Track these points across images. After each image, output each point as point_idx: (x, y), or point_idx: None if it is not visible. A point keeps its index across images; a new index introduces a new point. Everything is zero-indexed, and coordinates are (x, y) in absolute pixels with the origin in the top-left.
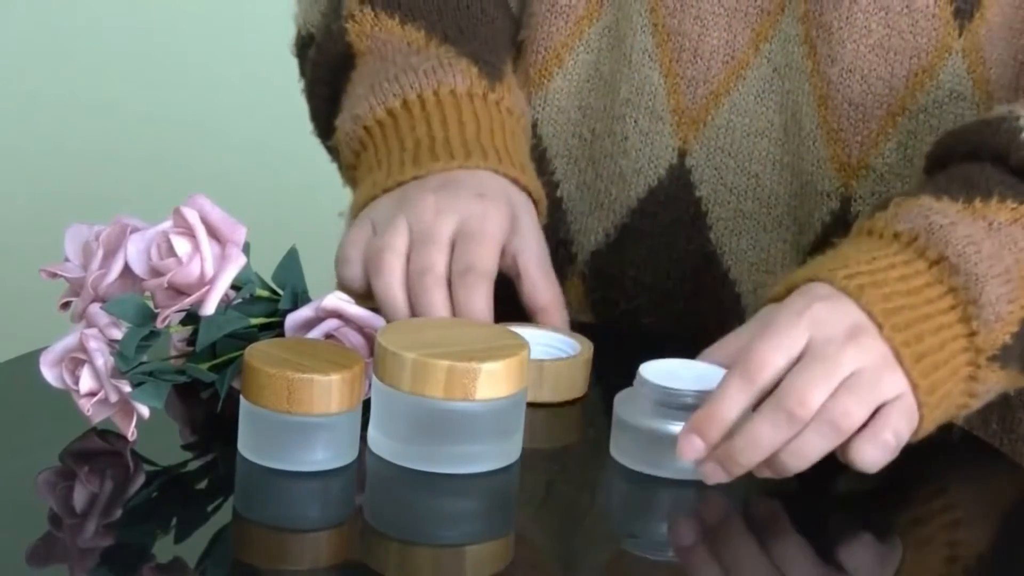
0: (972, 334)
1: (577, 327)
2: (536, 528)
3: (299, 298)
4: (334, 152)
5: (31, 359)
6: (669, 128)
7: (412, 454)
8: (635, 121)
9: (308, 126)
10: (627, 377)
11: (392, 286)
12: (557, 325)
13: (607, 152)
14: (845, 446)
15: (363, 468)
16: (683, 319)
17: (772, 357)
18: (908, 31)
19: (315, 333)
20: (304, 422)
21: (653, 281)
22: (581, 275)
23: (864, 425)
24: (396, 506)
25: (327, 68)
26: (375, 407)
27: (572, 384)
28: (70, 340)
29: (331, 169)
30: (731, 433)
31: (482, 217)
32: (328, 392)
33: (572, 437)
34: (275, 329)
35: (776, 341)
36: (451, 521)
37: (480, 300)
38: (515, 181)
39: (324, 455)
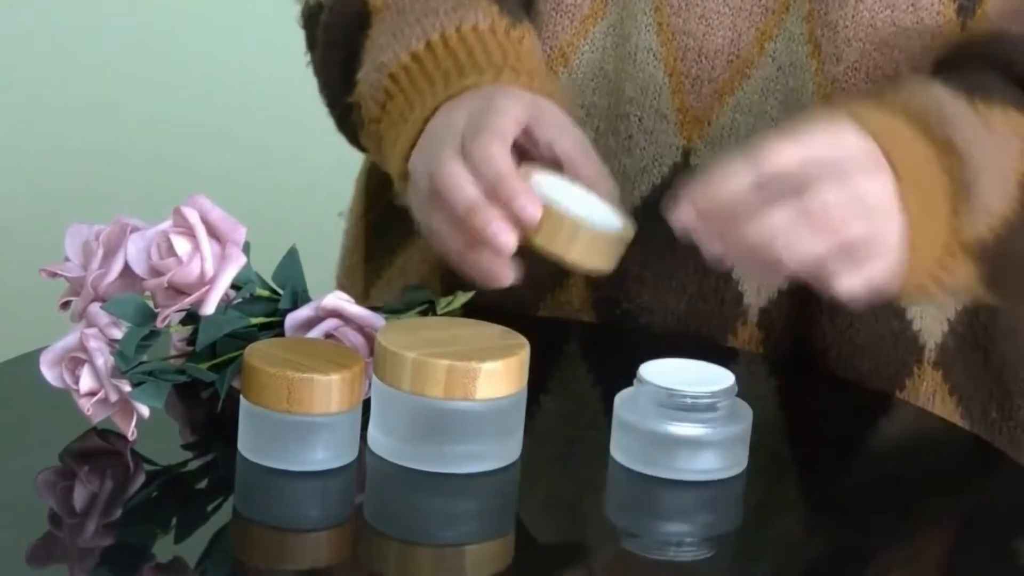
0: (957, 219)
1: (578, 327)
2: (536, 528)
3: (299, 298)
4: (344, 124)
5: (31, 359)
6: (673, 127)
7: (412, 454)
8: (639, 120)
9: (308, 126)
10: (627, 377)
11: (460, 189)
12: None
13: (611, 151)
14: (829, 270)
15: (363, 468)
16: (686, 319)
17: (787, 151)
18: (913, 29)
19: (315, 333)
20: (304, 422)
21: (656, 280)
22: (583, 273)
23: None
24: (396, 506)
25: (341, 29)
26: (375, 407)
27: (603, 256)
28: (70, 340)
29: (331, 169)
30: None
31: (490, 98)
32: (328, 392)
33: (572, 437)
34: (275, 329)
35: (795, 140)
36: (451, 521)
37: (491, 150)
38: (548, 96)
39: (324, 455)
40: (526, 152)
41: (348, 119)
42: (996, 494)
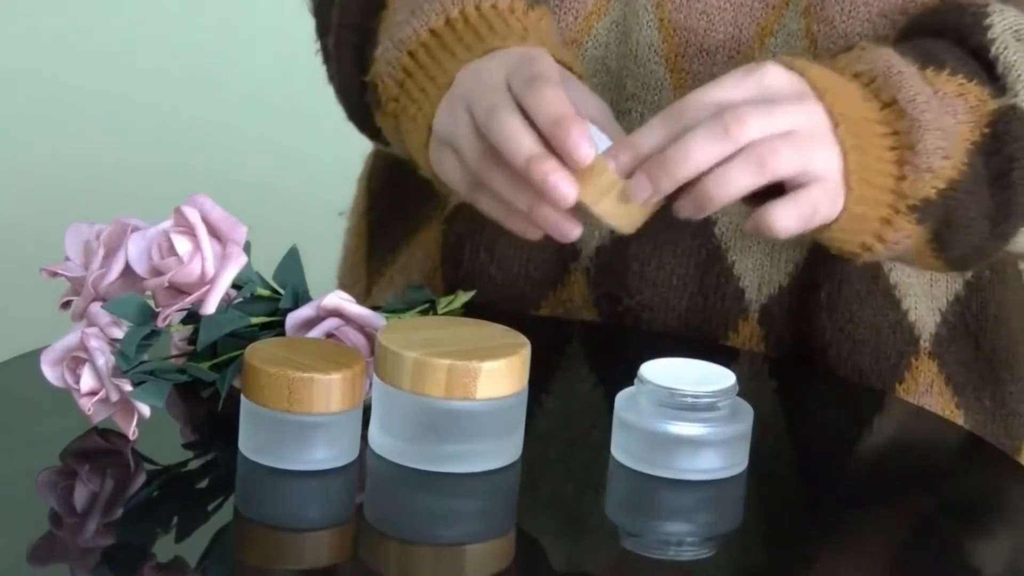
0: (901, 178)
1: (579, 326)
2: (536, 528)
3: (300, 297)
4: (355, 111)
5: (31, 359)
6: None
7: (413, 453)
8: (641, 116)
9: (309, 125)
10: (628, 377)
11: (472, 148)
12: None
13: None
14: (763, 205)
15: (363, 468)
16: (687, 315)
17: (707, 93)
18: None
19: (316, 332)
20: (304, 421)
21: (657, 277)
22: (585, 270)
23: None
24: (396, 506)
25: (357, 11)
26: (376, 406)
27: (628, 217)
28: (71, 339)
29: (332, 169)
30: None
31: (524, 53)
32: (328, 391)
33: (573, 437)
34: (275, 328)
35: (716, 84)
36: (451, 521)
37: (550, 95)
38: (570, 69)
39: (324, 454)
40: None
41: (360, 105)
42: (995, 493)
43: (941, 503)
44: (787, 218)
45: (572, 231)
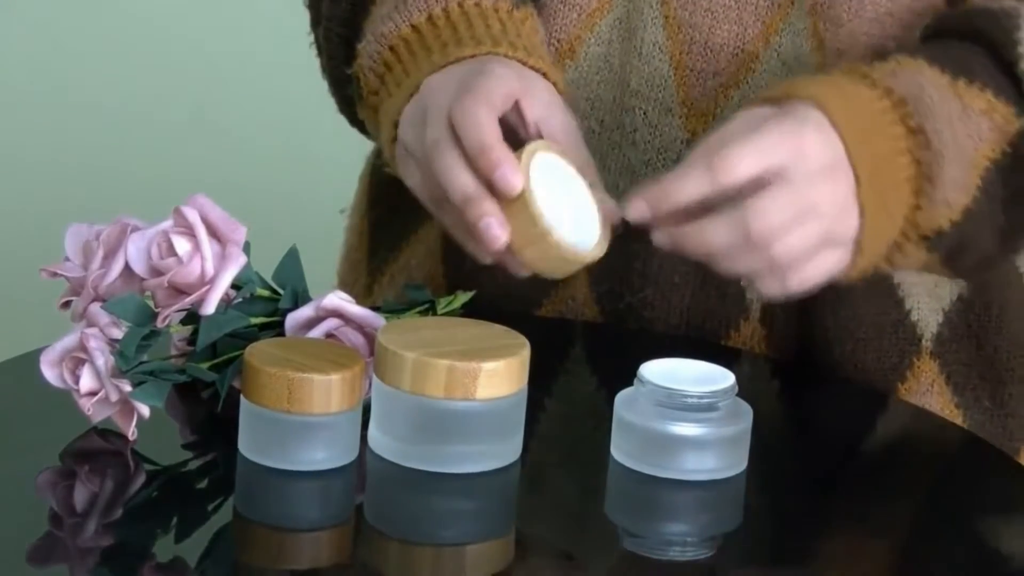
0: (917, 207)
1: (579, 327)
2: (536, 528)
3: (299, 297)
4: (345, 104)
5: (31, 359)
6: (678, 120)
7: (412, 454)
8: (644, 113)
9: (309, 126)
10: (628, 377)
11: (454, 178)
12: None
13: (616, 144)
14: (764, 279)
15: (363, 468)
16: (689, 314)
17: (744, 163)
18: (913, 23)
19: (315, 332)
20: (304, 422)
21: (659, 275)
22: (586, 268)
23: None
24: (396, 506)
25: (346, 4)
26: (375, 407)
27: (555, 270)
28: (70, 339)
29: (331, 168)
30: (686, 215)
31: (480, 72)
32: (328, 391)
33: (573, 437)
34: (275, 328)
35: (756, 148)
36: (451, 521)
37: (475, 113)
38: (544, 75)
39: (324, 455)
40: (514, 132)
41: (348, 97)
42: (995, 492)
43: (941, 503)
44: (782, 288)
45: (518, 269)
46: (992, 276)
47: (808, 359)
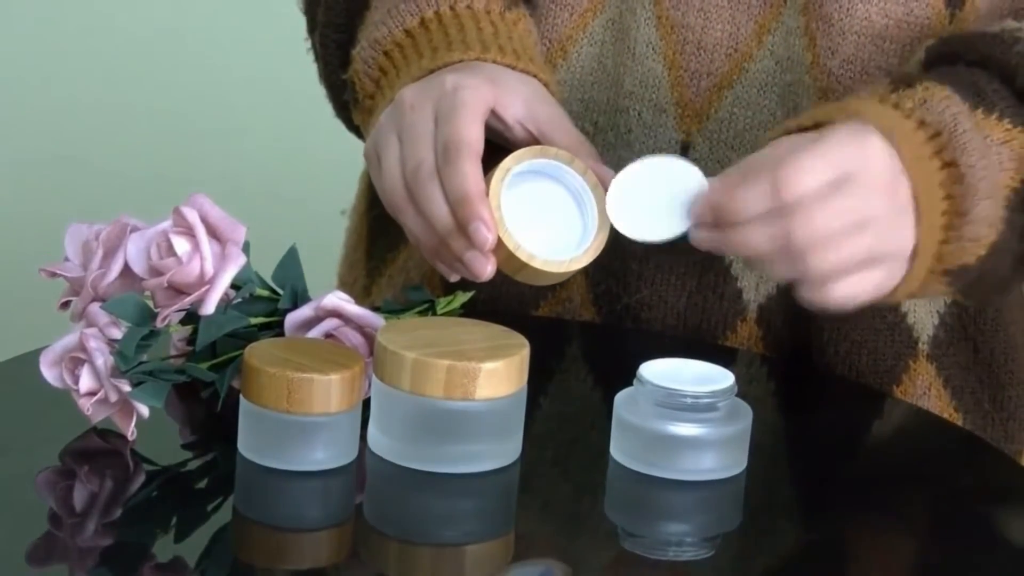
0: (945, 242)
1: (578, 327)
2: (536, 528)
3: (299, 297)
4: (342, 107)
5: (31, 359)
6: (672, 121)
7: (412, 454)
8: (638, 114)
9: (309, 126)
10: (627, 377)
11: (393, 190)
12: (586, 163)
13: (610, 145)
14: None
15: (363, 468)
16: (686, 314)
17: (813, 174)
18: (904, 20)
19: (315, 332)
20: (304, 422)
21: (656, 276)
22: (584, 269)
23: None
24: (396, 506)
25: (342, 9)
26: (375, 407)
27: (549, 280)
28: (70, 339)
29: (331, 169)
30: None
31: (454, 92)
32: (328, 392)
33: (572, 437)
34: (275, 328)
35: (823, 157)
36: (451, 521)
37: (462, 171)
38: (535, 76)
39: (324, 455)
40: (500, 134)
41: (344, 102)
42: (995, 492)
43: (940, 503)
44: (833, 298)
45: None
46: None
47: (804, 361)
